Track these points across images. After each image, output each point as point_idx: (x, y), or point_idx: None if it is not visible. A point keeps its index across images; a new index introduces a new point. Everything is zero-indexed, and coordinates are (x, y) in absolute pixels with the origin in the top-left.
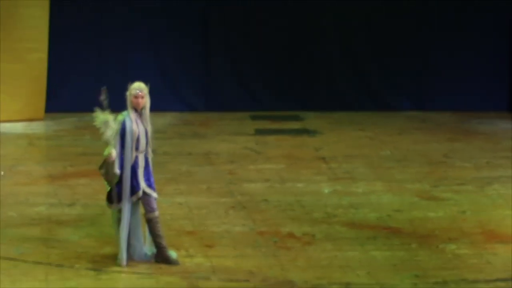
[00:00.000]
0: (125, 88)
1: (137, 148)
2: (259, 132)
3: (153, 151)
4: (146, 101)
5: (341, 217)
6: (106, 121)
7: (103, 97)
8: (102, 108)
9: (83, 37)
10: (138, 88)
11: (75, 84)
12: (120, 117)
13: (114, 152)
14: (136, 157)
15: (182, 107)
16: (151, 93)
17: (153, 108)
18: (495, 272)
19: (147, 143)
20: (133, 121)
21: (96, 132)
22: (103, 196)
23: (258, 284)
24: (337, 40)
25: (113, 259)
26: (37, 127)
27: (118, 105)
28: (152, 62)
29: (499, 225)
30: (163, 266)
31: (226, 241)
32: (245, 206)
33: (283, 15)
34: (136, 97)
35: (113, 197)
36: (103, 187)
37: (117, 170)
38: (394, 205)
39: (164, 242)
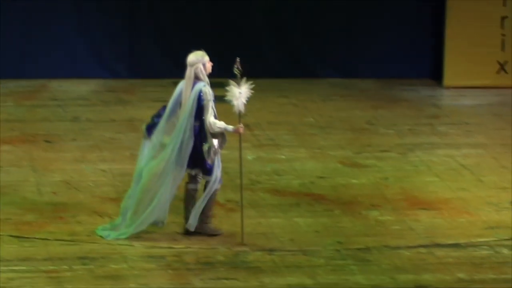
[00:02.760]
0: (49, 52)
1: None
2: None
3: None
4: None
5: (264, 184)
6: (239, 92)
7: (237, 69)
8: (236, 80)
9: (5, 1)
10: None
11: None
12: (206, 88)
13: (241, 126)
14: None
15: (105, 74)
16: (75, 59)
17: (77, 75)
18: (417, 239)
19: None
20: None
21: (19, 99)
22: (27, 163)
23: (181, 250)
24: (261, 7)
25: (36, 226)
26: None
27: (40, 71)
28: (75, 28)
29: (422, 192)
30: (88, 233)
31: None
32: None
33: None
34: (209, 62)
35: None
36: (27, 153)
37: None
38: (318, 172)
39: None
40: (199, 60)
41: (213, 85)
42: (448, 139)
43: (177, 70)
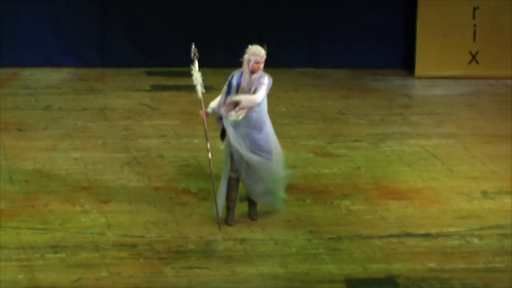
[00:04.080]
0: (20, 40)
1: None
2: (155, 88)
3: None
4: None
5: None
6: (196, 77)
7: (193, 53)
8: (193, 64)
9: None
10: (261, 55)
11: None
12: (234, 72)
13: (202, 111)
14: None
15: (77, 63)
16: (47, 48)
17: (48, 64)
18: (388, 228)
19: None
20: (244, 80)
21: None
22: None
23: (153, 239)
24: None
25: (8, 214)
26: None
27: (12, 59)
28: (47, 16)
29: (393, 181)
30: (60, 221)
31: (122, 197)
32: (140, 161)
33: None
34: (257, 62)
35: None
36: None
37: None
38: (289, 161)
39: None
40: (248, 54)
41: (183, 74)
42: (419, 129)
43: (150, 59)
